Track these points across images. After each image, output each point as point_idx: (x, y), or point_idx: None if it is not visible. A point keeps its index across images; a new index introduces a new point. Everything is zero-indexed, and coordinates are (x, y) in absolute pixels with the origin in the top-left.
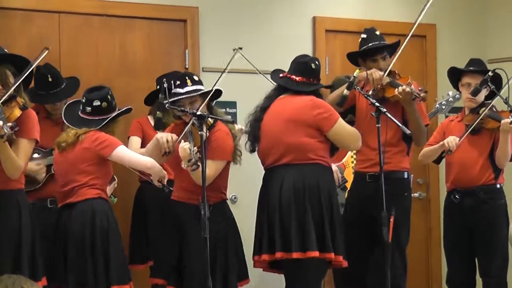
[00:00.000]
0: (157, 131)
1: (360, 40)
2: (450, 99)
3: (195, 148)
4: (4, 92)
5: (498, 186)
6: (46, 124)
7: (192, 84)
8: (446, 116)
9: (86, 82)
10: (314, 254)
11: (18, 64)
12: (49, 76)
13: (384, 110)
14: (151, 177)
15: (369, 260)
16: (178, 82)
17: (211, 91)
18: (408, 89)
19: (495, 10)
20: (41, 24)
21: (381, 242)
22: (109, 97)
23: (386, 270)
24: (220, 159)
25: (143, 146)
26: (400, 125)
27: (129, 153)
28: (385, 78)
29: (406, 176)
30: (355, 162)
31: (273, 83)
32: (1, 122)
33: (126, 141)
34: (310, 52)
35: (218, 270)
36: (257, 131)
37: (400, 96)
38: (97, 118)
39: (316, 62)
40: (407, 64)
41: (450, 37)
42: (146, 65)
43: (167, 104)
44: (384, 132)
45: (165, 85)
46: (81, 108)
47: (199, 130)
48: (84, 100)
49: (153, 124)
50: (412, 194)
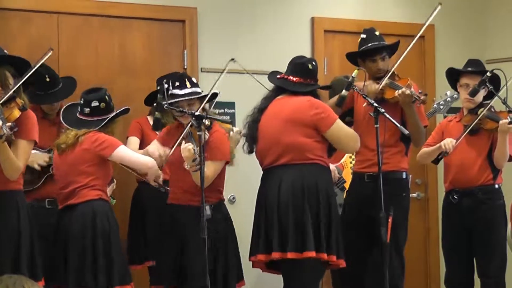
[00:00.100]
0: (156, 132)
1: (360, 40)
2: (448, 99)
3: (198, 148)
4: (4, 93)
5: (497, 187)
6: (43, 125)
7: (191, 86)
8: (444, 116)
9: (85, 83)
10: (311, 254)
11: (18, 66)
12: (47, 77)
13: (383, 111)
14: (147, 177)
15: (367, 260)
16: (177, 84)
17: (208, 95)
18: (408, 92)
19: (494, 11)
20: (40, 25)
21: (379, 242)
22: (107, 98)
23: (384, 270)
24: (219, 160)
25: (142, 147)
26: (398, 126)
27: (130, 153)
28: (386, 80)
29: (405, 176)
30: (354, 163)
31: (267, 89)
32: (1, 123)
33: (125, 141)
34: (309, 53)
35: (219, 271)
36: (255, 132)
37: (400, 98)
38: (96, 119)
39: (313, 63)
40: (406, 65)
41: (449, 38)
42: (145, 66)
43: (166, 105)
44: (382, 133)
45: (165, 86)
46: (79, 110)
47: (198, 131)
48: (82, 102)
49: (152, 124)
50: (411, 194)
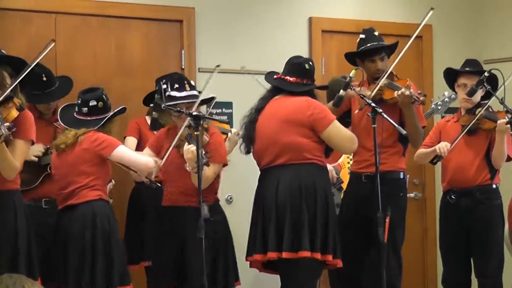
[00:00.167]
0: (154, 132)
1: (359, 40)
2: (446, 99)
3: (201, 150)
4: (1, 93)
5: (494, 187)
6: (39, 125)
7: (190, 89)
8: (442, 117)
9: (83, 83)
10: (306, 254)
11: (15, 65)
12: (44, 76)
13: (380, 111)
14: (139, 173)
15: (365, 261)
16: (177, 86)
17: (207, 98)
18: (408, 93)
19: (491, 11)
20: (38, 25)
21: (377, 243)
22: (104, 97)
23: (382, 271)
24: (219, 162)
25: (140, 147)
26: (396, 126)
27: (130, 153)
28: (384, 80)
29: (402, 177)
30: (351, 163)
31: (264, 86)
32: None
33: (122, 141)
34: (307, 53)
35: (220, 271)
36: (252, 132)
37: (399, 99)
38: (94, 118)
39: (310, 63)
40: (404, 65)
41: (446, 38)
42: (143, 66)
43: (163, 105)
44: (380, 133)
45: (163, 86)
46: (77, 110)
47: (195, 131)
48: (80, 101)
49: (149, 124)
50: (408, 195)
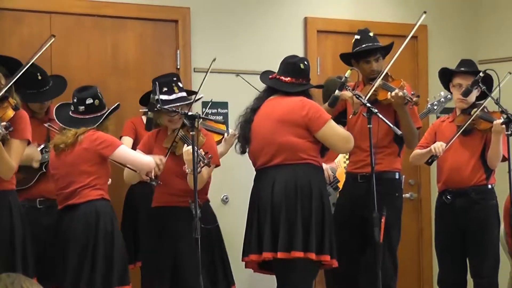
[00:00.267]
0: (149, 132)
1: (354, 41)
2: (442, 100)
3: (200, 151)
4: None
5: (490, 187)
6: (32, 124)
7: (179, 91)
8: (437, 117)
9: (78, 83)
10: (299, 255)
11: (9, 66)
12: (39, 75)
13: (376, 111)
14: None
15: (360, 261)
16: (165, 89)
17: (194, 100)
18: (401, 93)
19: (487, 11)
20: (33, 24)
21: (372, 243)
22: (100, 95)
23: (378, 271)
24: (212, 163)
25: (135, 146)
26: (391, 126)
27: (131, 152)
28: (378, 81)
29: (398, 177)
30: (347, 163)
31: (255, 88)
32: None
33: None
34: (302, 53)
35: (219, 270)
36: (248, 133)
37: (393, 100)
38: (92, 116)
39: (305, 63)
40: (399, 65)
41: (442, 38)
42: (138, 66)
43: (159, 105)
44: (376, 133)
45: (157, 87)
46: (73, 108)
47: (191, 131)
48: (76, 100)
49: (145, 125)
50: (404, 195)
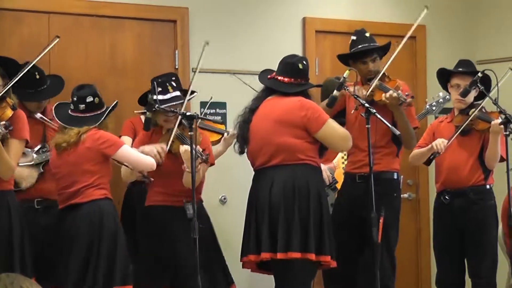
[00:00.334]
0: (147, 131)
1: (350, 42)
2: (440, 100)
3: (198, 148)
4: None
5: (488, 187)
6: (29, 124)
7: (173, 91)
8: (436, 117)
9: (76, 82)
10: (296, 255)
11: (7, 66)
12: (37, 74)
13: (374, 111)
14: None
15: (359, 261)
16: (160, 89)
17: (187, 99)
18: (395, 94)
19: (485, 11)
20: (31, 25)
21: (371, 243)
22: (99, 93)
23: (376, 271)
24: (208, 162)
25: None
26: (390, 126)
27: (134, 153)
28: (374, 82)
29: (396, 177)
30: (346, 163)
31: (251, 87)
32: None
33: None
34: (300, 53)
35: (218, 270)
36: (246, 133)
37: (387, 101)
38: (92, 115)
39: (304, 62)
40: (397, 65)
41: (440, 38)
42: (136, 66)
43: (157, 105)
44: (374, 134)
45: (156, 86)
46: (72, 107)
47: (190, 131)
48: (76, 98)
49: (143, 125)
50: (402, 195)
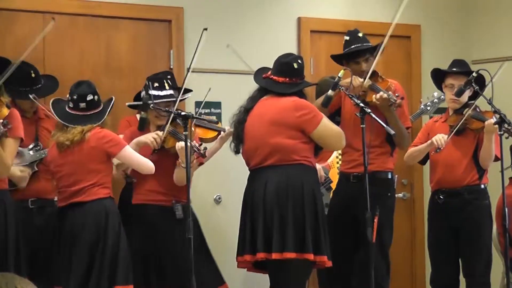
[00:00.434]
0: (141, 131)
1: (344, 42)
2: (435, 100)
3: (194, 143)
4: None
5: (482, 187)
6: (23, 123)
7: (169, 88)
8: (430, 117)
9: (71, 82)
10: (291, 256)
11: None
12: (32, 72)
13: (369, 111)
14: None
15: (353, 260)
16: (157, 85)
17: (178, 97)
18: (385, 96)
19: (480, 11)
20: (26, 24)
21: (365, 242)
22: (96, 90)
23: (370, 270)
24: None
25: None
26: (384, 125)
27: (135, 154)
28: (367, 81)
29: (390, 177)
30: (340, 163)
31: (246, 63)
32: None
33: None
34: (295, 53)
35: (208, 270)
36: (241, 133)
37: (378, 102)
38: (93, 112)
39: (299, 61)
40: (392, 65)
41: (435, 38)
42: (131, 66)
43: (152, 104)
44: (368, 133)
45: (150, 85)
46: (72, 106)
47: (184, 130)
48: (76, 97)
49: (138, 124)
50: (396, 195)
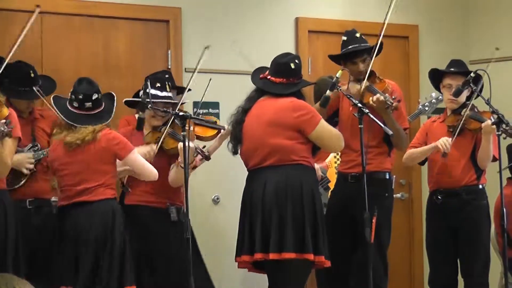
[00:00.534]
0: (140, 131)
1: (341, 42)
2: (433, 101)
3: (198, 145)
4: None
5: (481, 187)
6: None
7: (170, 90)
8: (429, 117)
9: (69, 82)
10: (290, 256)
11: None
12: (31, 72)
13: (367, 111)
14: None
15: (352, 261)
16: (159, 85)
17: (180, 100)
18: (382, 98)
19: (478, 11)
20: (23, 24)
21: (364, 243)
22: (99, 87)
23: (369, 271)
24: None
25: None
26: (382, 126)
27: (140, 158)
28: (365, 82)
29: (388, 177)
30: (338, 163)
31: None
32: None
33: None
34: (293, 53)
35: (199, 273)
36: (239, 133)
37: (374, 105)
38: (98, 111)
39: (296, 61)
40: (390, 65)
41: (433, 38)
42: (129, 66)
43: (149, 104)
44: (366, 133)
45: (148, 86)
46: (76, 105)
47: (183, 130)
48: (82, 96)
49: (136, 124)
50: (395, 195)
